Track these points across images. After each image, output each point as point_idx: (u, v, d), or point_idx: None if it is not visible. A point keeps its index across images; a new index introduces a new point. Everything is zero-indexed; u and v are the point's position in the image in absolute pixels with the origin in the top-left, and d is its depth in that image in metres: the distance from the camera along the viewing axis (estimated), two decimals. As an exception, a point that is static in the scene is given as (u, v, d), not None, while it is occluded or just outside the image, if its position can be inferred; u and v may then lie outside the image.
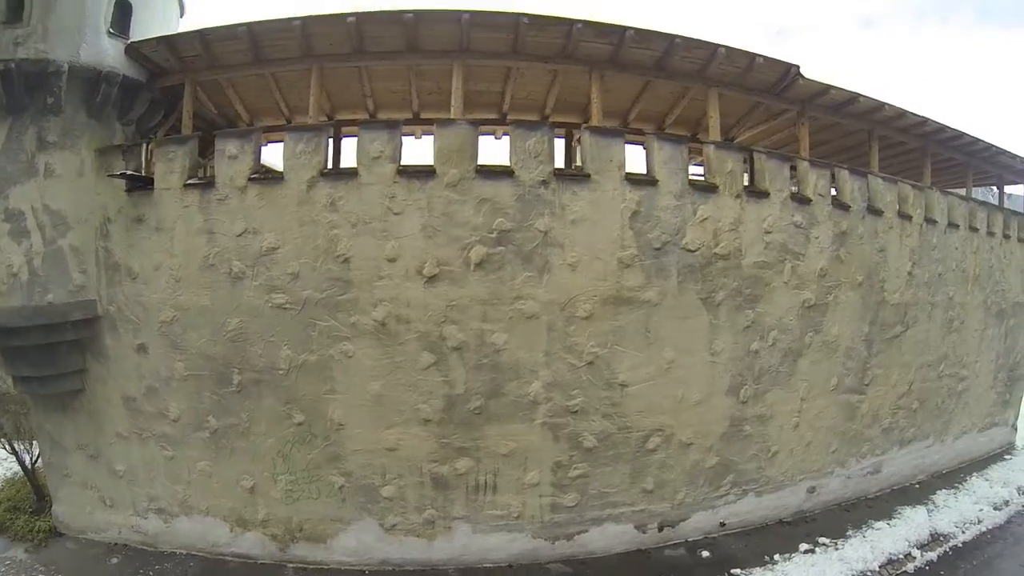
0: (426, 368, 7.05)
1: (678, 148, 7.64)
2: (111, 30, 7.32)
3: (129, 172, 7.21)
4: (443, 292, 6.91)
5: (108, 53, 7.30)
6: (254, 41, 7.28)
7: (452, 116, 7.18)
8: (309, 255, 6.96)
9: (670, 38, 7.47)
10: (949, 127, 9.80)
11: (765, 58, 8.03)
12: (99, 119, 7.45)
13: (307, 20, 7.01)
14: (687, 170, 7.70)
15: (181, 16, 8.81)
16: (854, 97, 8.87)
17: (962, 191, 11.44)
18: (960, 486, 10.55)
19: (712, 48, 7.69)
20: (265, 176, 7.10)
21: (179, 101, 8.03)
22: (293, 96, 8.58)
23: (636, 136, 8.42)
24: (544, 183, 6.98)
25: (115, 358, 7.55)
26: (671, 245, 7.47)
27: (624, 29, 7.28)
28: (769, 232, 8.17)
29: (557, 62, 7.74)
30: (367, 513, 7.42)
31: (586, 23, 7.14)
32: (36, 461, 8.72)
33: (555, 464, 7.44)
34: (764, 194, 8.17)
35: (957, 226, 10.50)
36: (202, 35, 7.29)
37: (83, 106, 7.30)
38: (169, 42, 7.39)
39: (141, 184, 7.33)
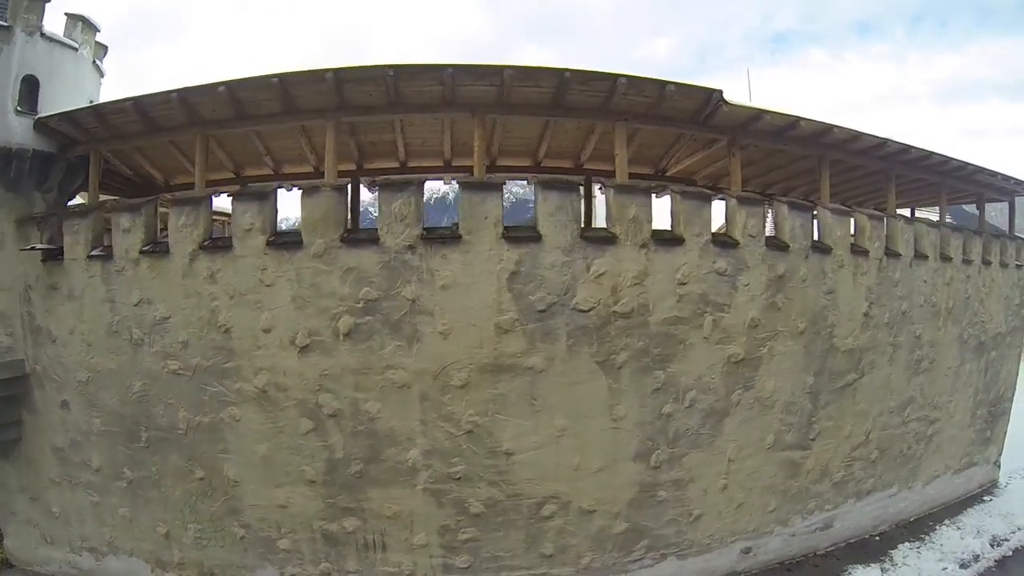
0: (306, 433, 7.13)
1: (567, 197, 7.09)
2: (19, 108, 7.71)
3: (39, 246, 7.67)
4: (316, 362, 6.91)
5: (16, 131, 7.70)
6: (142, 112, 7.42)
7: (324, 180, 7.05)
8: (195, 325, 7.16)
9: (559, 73, 6.88)
10: (914, 147, 8.48)
11: (678, 85, 7.24)
12: (16, 191, 7.94)
13: (184, 91, 7.04)
14: (579, 221, 7.16)
15: (102, 77, 9.15)
16: (794, 121, 7.86)
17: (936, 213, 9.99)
18: (927, 537, 9.54)
19: (611, 79, 7.02)
20: (155, 249, 7.32)
21: (97, 165, 8.40)
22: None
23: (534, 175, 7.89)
24: (411, 248, 6.73)
25: (43, 412, 8.20)
26: (558, 306, 7.01)
27: (502, 69, 6.76)
28: (684, 283, 7.48)
29: (439, 110, 7.36)
30: (268, 563, 7.70)
31: (457, 67, 6.69)
32: (-8, 497, 9.66)
33: (442, 527, 7.35)
34: (678, 240, 7.47)
35: (926, 256, 9.18)
36: (96, 109, 7.55)
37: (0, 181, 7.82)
38: (70, 117, 7.69)
39: (55, 253, 7.80)
